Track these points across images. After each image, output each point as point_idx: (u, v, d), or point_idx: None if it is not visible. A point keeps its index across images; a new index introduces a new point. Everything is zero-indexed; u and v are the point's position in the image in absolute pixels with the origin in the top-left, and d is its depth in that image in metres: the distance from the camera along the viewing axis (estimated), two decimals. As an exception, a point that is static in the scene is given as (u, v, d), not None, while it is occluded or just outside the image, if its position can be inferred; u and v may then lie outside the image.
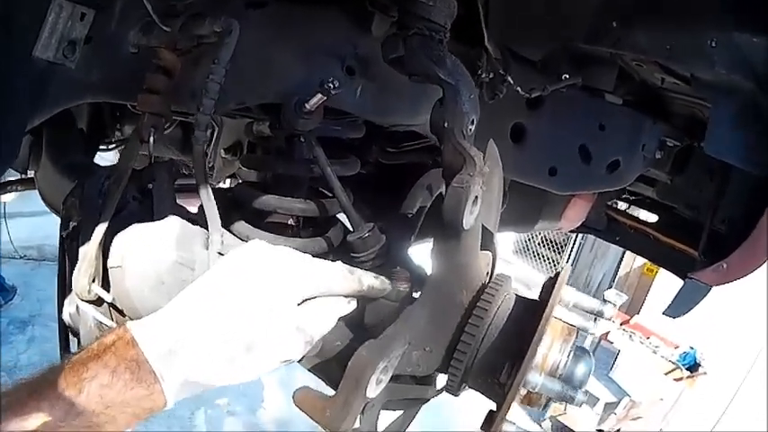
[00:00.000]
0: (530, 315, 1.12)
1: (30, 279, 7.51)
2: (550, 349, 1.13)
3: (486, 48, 1.59)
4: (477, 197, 1.06)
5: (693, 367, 7.76)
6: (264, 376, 6.86)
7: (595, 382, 9.21)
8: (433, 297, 1.14)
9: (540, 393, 1.12)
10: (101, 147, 2.08)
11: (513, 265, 12.40)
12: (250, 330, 1.00)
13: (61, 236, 1.40)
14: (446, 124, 1.11)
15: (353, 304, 1.14)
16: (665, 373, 7.90)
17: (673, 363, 7.84)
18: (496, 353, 1.14)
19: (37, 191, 1.78)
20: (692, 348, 7.94)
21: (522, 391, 1.12)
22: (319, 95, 1.26)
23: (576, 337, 1.16)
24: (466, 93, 1.13)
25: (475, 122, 1.15)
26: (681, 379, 7.67)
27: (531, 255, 13.14)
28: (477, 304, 1.15)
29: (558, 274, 1.15)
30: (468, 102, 1.13)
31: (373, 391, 1.03)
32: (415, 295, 1.21)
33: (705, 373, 7.67)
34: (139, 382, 0.92)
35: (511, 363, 1.11)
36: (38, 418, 0.85)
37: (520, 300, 1.22)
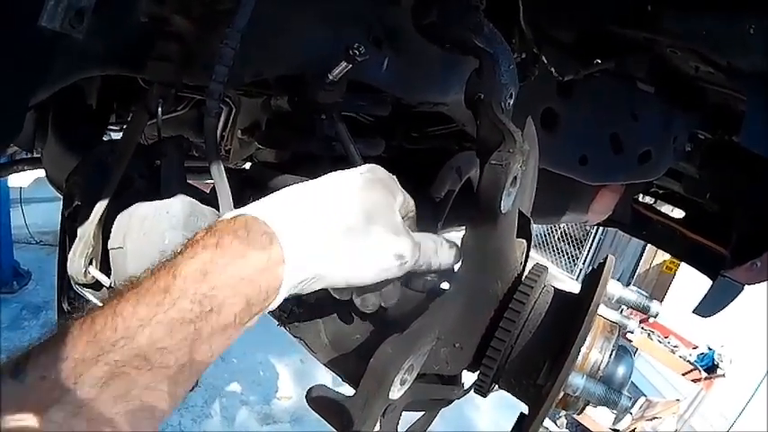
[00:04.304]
0: (571, 310, 1.02)
1: (45, 264, 7.54)
2: (591, 348, 1.02)
3: (520, 24, 1.51)
4: (516, 177, 0.97)
5: (711, 369, 7.69)
6: (279, 366, 6.92)
7: (612, 380, 9.17)
8: (465, 288, 1.04)
9: (578, 397, 1.01)
10: (111, 124, 2.02)
11: (532, 260, 12.37)
12: (369, 202, 0.88)
13: (63, 215, 1.32)
14: (482, 96, 1.02)
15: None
16: (683, 374, 7.82)
17: (691, 363, 7.77)
18: (533, 351, 1.04)
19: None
20: (710, 349, 7.85)
21: (560, 394, 1.02)
22: (344, 63, 1.17)
23: (619, 335, 1.05)
24: (505, 62, 1.05)
25: (514, 96, 1.06)
26: (699, 380, 7.60)
27: (551, 249, 13.13)
28: (514, 297, 1.05)
29: (601, 266, 1.05)
30: (506, 72, 1.04)
31: (397, 392, 0.93)
32: (443, 286, 1.11)
33: (723, 375, 7.58)
34: (253, 246, 0.77)
35: (550, 363, 1.01)
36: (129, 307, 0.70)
37: (559, 293, 1.12)
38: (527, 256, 1.21)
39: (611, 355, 1.03)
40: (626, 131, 2.04)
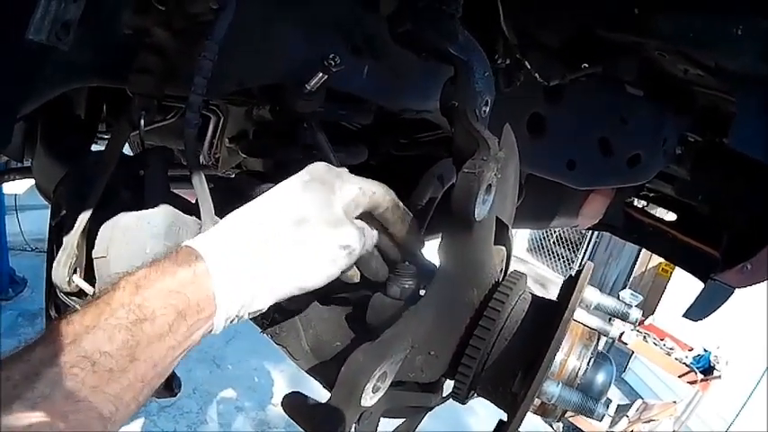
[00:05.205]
0: (547, 317, 1.01)
1: (40, 271, 7.46)
2: (569, 355, 1.02)
3: (503, 30, 1.51)
4: (490, 185, 0.96)
5: (708, 370, 7.69)
6: (274, 372, 6.93)
7: (608, 383, 9.18)
8: (440, 295, 1.04)
9: (555, 404, 1.01)
10: (99, 134, 2.02)
11: (528, 264, 12.37)
12: (300, 206, 0.95)
13: (50, 225, 1.34)
14: (457, 104, 1.02)
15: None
16: (679, 376, 7.82)
17: (687, 365, 7.76)
18: (509, 359, 1.04)
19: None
20: (706, 351, 7.85)
21: (536, 401, 1.01)
22: (320, 74, 1.17)
23: (598, 342, 1.05)
24: (480, 70, 1.06)
25: (490, 103, 1.07)
26: (695, 382, 7.59)
27: (546, 253, 13.16)
28: (489, 304, 1.04)
29: (579, 273, 1.05)
30: (481, 80, 1.05)
31: (369, 399, 0.94)
32: (422, 293, 1.11)
33: (719, 377, 7.58)
34: (179, 264, 0.85)
35: (524, 370, 1.01)
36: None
37: (536, 300, 1.12)
38: (507, 264, 1.21)
39: (589, 362, 1.03)
40: (615, 135, 2.03)
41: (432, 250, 1.16)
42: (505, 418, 1.05)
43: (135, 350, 0.78)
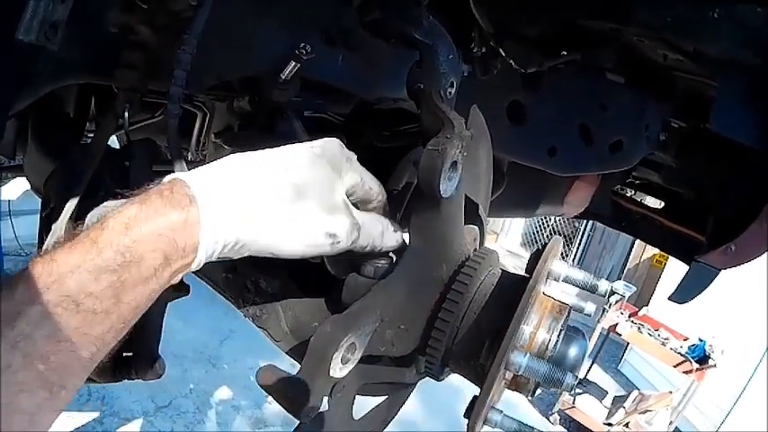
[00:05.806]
0: (515, 291, 1.03)
1: (35, 275, 7.51)
2: (538, 328, 1.03)
3: (477, 20, 1.54)
4: (455, 162, 0.99)
5: (703, 360, 7.70)
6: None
7: (604, 374, 9.20)
8: (409, 270, 1.06)
9: (526, 377, 1.03)
10: (88, 132, 2.06)
11: (522, 258, 12.36)
12: (304, 177, 0.93)
13: (41, 217, 1.37)
14: (422, 86, 1.06)
15: None
16: (675, 366, 7.84)
17: (682, 355, 7.78)
18: (478, 332, 1.05)
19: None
20: (701, 341, 7.88)
21: (508, 375, 1.04)
22: (293, 63, 1.21)
23: (568, 316, 1.06)
24: (444, 53, 1.09)
25: (455, 85, 1.10)
26: (690, 371, 7.61)
27: (541, 246, 13.17)
28: (457, 278, 1.07)
29: (545, 245, 1.08)
30: (446, 62, 1.08)
31: (339, 370, 0.97)
32: None
33: (715, 366, 7.61)
34: (172, 205, 0.81)
35: (491, 341, 1.03)
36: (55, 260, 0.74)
37: (506, 275, 1.14)
38: (482, 242, 1.24)
39: (559, 335, 1.04)
40: (595, 122, 2.04)
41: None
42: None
43: (119, 292, 0.76)
